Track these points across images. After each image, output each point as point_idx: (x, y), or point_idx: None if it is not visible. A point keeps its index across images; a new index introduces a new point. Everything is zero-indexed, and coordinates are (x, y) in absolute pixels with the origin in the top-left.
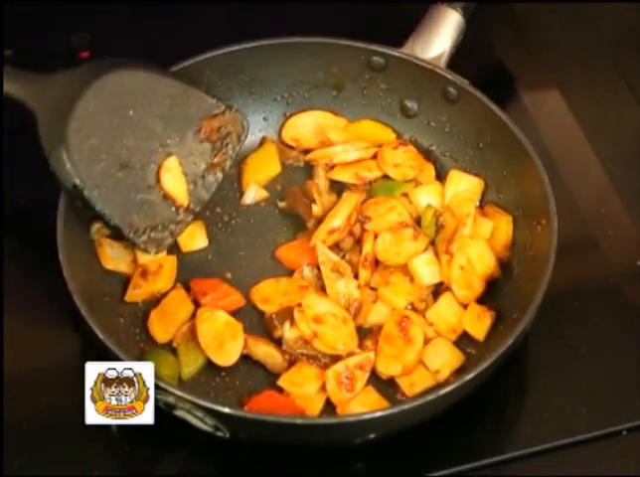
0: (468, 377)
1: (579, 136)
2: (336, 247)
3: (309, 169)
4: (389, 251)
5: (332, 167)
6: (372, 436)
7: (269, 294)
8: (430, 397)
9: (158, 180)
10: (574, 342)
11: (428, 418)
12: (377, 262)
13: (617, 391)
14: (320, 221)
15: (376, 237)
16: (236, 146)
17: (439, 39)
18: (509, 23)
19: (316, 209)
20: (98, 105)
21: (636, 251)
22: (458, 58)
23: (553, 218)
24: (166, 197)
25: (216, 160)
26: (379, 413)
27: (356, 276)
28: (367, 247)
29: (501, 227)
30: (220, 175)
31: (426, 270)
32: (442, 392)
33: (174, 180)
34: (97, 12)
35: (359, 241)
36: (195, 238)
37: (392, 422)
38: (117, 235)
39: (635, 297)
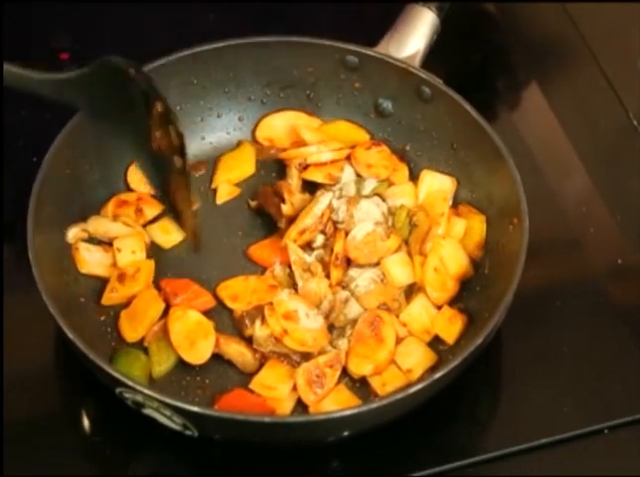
0: (437, 375)
1: (561, 135)
2: (308, 246)
3: (283, 169)
4: (360, 251)
5: (305, 167)
6: (345, 434)
7: (238, 292)
8: (400, 395)
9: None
10: (556, 340)
11: (400, 416)
12: (349, 262)
13: (599, 389)
14: (292, 220)
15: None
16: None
17: (414, 38)
18: (486, 21)
19: (285, 208)
20: None
21: (617, 250)
22: (433, 57)
23: (524, 217)
24: None
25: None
26: (347, 412)
27: (328, 275)
28: (338, 247)
29: (474, 226)
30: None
31: (399, 271)
32: (411, 390)
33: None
34: (77, 13)
35: (330, 240)
36: (170, 233)
37: (363, 421)
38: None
39: (617, 295)
